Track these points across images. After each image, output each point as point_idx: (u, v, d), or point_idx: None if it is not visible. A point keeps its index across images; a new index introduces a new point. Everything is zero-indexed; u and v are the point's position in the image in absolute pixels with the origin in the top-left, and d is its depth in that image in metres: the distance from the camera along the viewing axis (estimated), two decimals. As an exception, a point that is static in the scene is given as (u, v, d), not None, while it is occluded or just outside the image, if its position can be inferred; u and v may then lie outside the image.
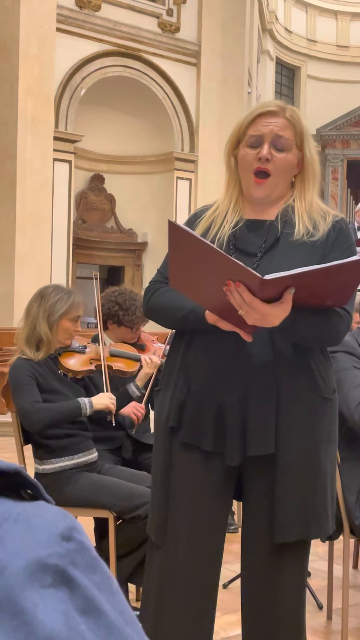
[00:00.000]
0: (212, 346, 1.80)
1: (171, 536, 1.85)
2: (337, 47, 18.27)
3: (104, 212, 12.58)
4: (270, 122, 1.83)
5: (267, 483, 1.80)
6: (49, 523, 0.51)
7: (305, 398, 1.80)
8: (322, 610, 3.06)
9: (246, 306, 1.61)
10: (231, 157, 1.89)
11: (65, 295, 2.89)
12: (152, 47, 11.58)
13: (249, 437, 1.77)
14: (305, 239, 1.79)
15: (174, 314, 1.84)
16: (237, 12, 12.07)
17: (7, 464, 0.53)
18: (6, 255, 9.47)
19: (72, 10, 10.62)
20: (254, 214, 1.88)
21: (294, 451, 1.79)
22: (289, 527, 1.79)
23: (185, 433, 1.82)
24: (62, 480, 2.80)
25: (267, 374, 1.78)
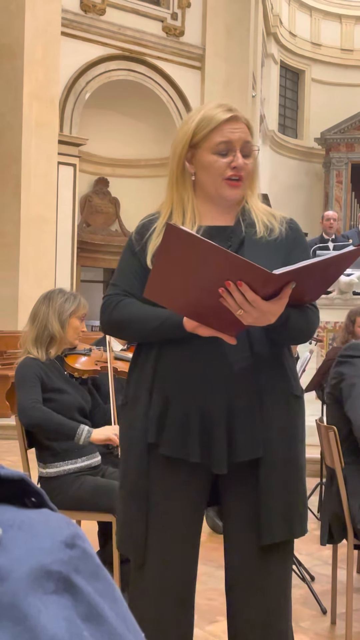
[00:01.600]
0: (189, 354, 1.77)
1: (154, 555, 1.81)
2: (342, 50, 18.28)
3: (108, 215, 12.59)
4: (236, 128, 1.81)
5: (250, 485, 1.79)
6: (52, 530, 0.51)
7: (282, 398, 1.81)
8: (326, 615, 3.05)
9: (247, 305, 1.59)
10: (184, 162, 1.84)
11: (72, 296, 2.98)
12: (156, 50, 11.61)
13: (236, 443, 1.76)
14: (266, 237, 1.82)
15: (144, 325, 1.79)
16: (241, 15, 12.09)
17: (11, 472, 0.53)
18: (11, 259, 9.49)
19: (77, 14, 10.65)
20: (212, 221, 1.86)
21: (275, 452, 1.79)
22: (275, 527, 1.79)
23: (169, 447, 1.77)
24: (66, 484, 2.80)
25: (249, 378, 1.77)
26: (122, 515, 1.86)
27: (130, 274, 1.86)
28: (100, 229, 12.46)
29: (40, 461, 2.91)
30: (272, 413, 1.79)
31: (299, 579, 3.33)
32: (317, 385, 4.60)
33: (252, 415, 1.77)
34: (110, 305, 1.85)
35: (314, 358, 5.64)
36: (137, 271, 1.85)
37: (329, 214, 8.72)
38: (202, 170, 1.83)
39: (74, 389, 2.96)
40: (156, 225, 1.86)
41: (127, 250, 1.90)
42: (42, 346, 2.91)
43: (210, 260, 1.58)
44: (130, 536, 1.82)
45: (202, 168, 1.83)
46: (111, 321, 1.85)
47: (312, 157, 18.00)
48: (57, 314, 2.92)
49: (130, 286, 1.85)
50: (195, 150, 1.83)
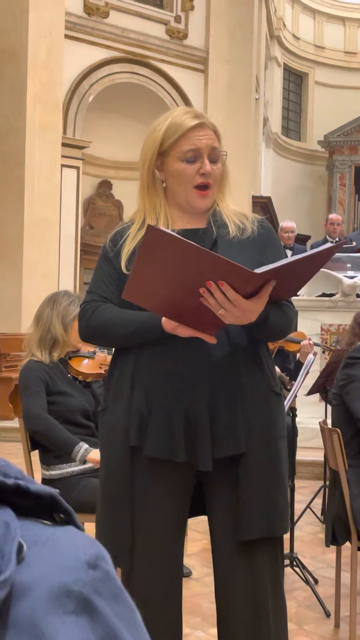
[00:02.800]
0: (169, 355, 1.78)
1: (140, 560, 1.81)
2: (345, 53, 18.28)
3: (111, 218, 12.60)
4: (203, 136, 1.84)
5: (232, 483, 1.80)
6: (76, 549, 0.51)
7: (263, 395, 1.83)
8: (329, 618, 3.05)
9: (229, 305, 1.61)
10: (153, 170, 1.87)
11: (77, 299, 2.98)
12: (160, 53, 11.62)
13: (219, 439, 1.77)
14: (239, 236, 1.84)
15: (123, 328, 1.80)
16: (244, 18, 12.10)
17: (42, 488, 0.53)
18: (14, 261, 9.50)
19: (81, 17, 10.67)
20: (184, 224, 1.88)
21: (256, 449, 1.80)
22: (254, 524, 1.79)
23: (154, 448, 1.77)
24: (69, 486, 2.80)
25: (230, 375, 1.79)
26: (107, 523, 1.85)
27: (105, 280, 1.88)
28: (103, 232, 12.47)
29: (43, 463, 2.91)
30: (253, 410, 1.80)
31: (302, 582, 3.33)
32: (321, 388, 4.60)
33: (233, 412, 1.78)
34: (88, 312, 1.86)
35: (317, 360, 5.63)
36: (112, 277, 1.87)
37: (332, 217, 8.71)
38: (172, 178, 1.86)
39: (78, 392, 2.96)
40: (130, 232, 1.89)
41: (101, 258, 1.92)
42: (46, 349, 2.91)
43: (192, 260, 1.59)
44: (117, 544, 1.81)
45: (171, 176, 1.86)
46: (89, 328, 1.86)
47: (315, 160, 18.00)
48: (61, 317, 2.92)
49: (106, 292, 1.87)
50: (163, 157, 1.85)
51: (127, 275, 1.79)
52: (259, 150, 13.94)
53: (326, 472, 4.48)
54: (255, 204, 12.21)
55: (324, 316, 6.66)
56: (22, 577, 0.47)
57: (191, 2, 11.85)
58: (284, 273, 1.65)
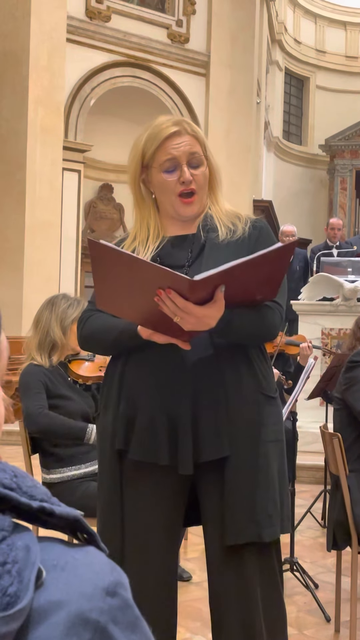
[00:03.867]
0: (153, 359, 1.78)
1: (130, 564, 1.80)
2: (346, 57, 18.30)
3: (112, 221, 12.60)
4: (179, 144, 1.84)
5: (219, 487, 1.79)
6: (95, 575, 0.50)
7: (250, 398, 1.81)
8: (329, 623, 3.04)
9: (180, 312, 1.61)
10: (140, 184, 1.89)
11: (75, 302, 2.97)
12: (161, 57, 11.63)
13: (201, 443, 1.76)
14: (229, 239, 1.83)
15: (106, 336, 1.84)
16: (246, 23, 12.11)
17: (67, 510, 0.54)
18: (15, 264, 9.50)
19: (82, 21, 10.68)
20: (176, 231, 1.90)
21: (241, 452, 1.79)
22: (240, 529, 1.77)
23: (138, 451, 1.78)
24: (69, 490, 2.79)
25: (213, 378, 1.78)
26: (100, 526, 1.86)
27: None
28: (104, 235, 12.47)
29: (43, 467, 2.91)
30: (238, 412, 1.79)
31: (302, 587, 3.32)
32: (321, 392, 4.59)
33: (216, 415, 1.77)
34: (82, 321, 1.91)
35: (318, 365, 5.63)
36: None
37: (333, 222, 8.71)
38: (157, 190, 1.88)
39: (78, 396, 2.96)
40: (124, 244, 1.91)
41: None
42: (45, 352, 2.90)
43: (136, 270, 1.60)
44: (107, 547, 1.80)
45: (156, 187, 1.88)
46: (82, 337, 1.92)
47: (316, 164, 18.01)
48: (59, 320, 2.91)
49: None
50: (147, 170, 1.87)
51: None
52: (260, 154, 13.95)
53: (327, 476, 4.47)
54: (256, 207, 12.22)
55: (324, 320, 6.66)
56: (40, 602, 0.47)
57: (193, 6, 11.87)
58: (234, 276, 1.62)
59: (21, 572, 0.47)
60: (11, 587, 0.45)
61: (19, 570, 0.46)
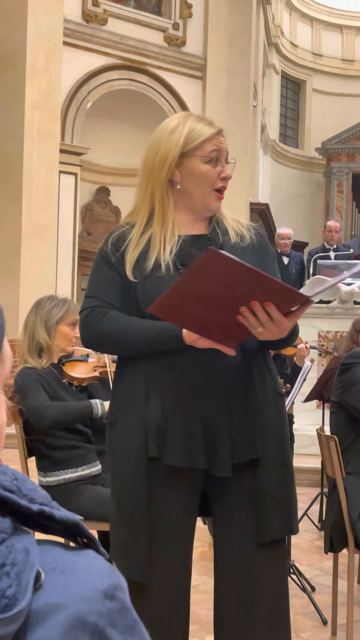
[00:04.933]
0: (183, 363, 1.77)
1: (158, 571, 1.80)
2: (343, 61, 18.33)
3: (109, 224, 12.60)
4: (223, 142, 1.87)
5: (250, 486, 1.82)
6: (94, 578, 0.50)
7: (272, 397, 1.87)
8: (326, 626, 3.04)
9: (270, 324, 1.63)
10: (172, 170, 1.84)
11: (61, 302, 2.93)
12: (158, 60, 11.64)
13: (236, 444, 1.78)
14: (239, 243, 1.86)
15: (137, 337, 1.77)
16: (242, 26, 12.13)
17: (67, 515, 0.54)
18: (11, 267, 9.49)
19: (79, 24, 10.69)
20: (187, 230, 1.88)
21: (271, 451, 1.83)
22: (274, 525, 1.82)
23: (174, 457, 1.77)
24: (66, 493, 2.79)
25: (244, 380, 1.81)
26: (125, 536, 1.81)
27: (109, 285, 1.85)
28: (101, 238, 12.28)
29: (40, 470, 2.90)
30: (266, 413, 1.83)
31: (299, 590, 3.32)
32: (318, 395, 4.60)
33: (249, 416, 1.80)
34: (95, 318, 1.82)
35: (315, 367, 5.63)
36: (116, 283, 1.85)
37: (330, 225, 8.73)
38: (191, 180, 1.84)
39: (74, 398, 2.94)
40: (131, 237, 1.86)
41: (101, 262, 1.89)
42: (35, 355, 2.87)
43: (242, 281, 1.60)
44: (134, 558, 1.79)
45: (191, 177, 1.84)
46: (97, 334, 1.82)
47: (313, 167, 18.03)
48: (44, 321, 2.87)
49: (110, 298, 1.84)
50: (183, 159, 1.84)
51: (132, 282, 1.79)
52: (256, 157, 13.96)
53: (323, 479, 4.47)
54: (252, 210, 12.22)
55: (321, 323, 6.67)
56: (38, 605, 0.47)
57: (189, 10, 11.89)
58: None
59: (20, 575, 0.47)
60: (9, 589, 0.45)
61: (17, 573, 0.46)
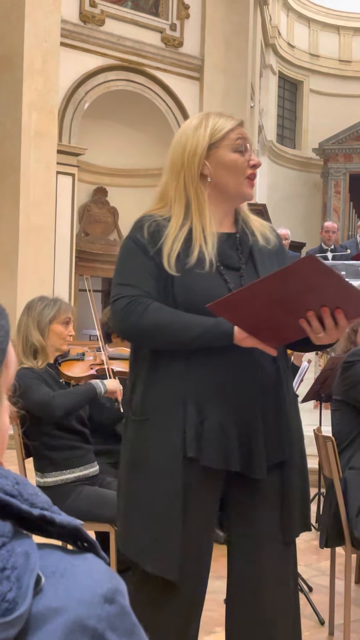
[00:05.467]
0: (220, 362, 1.77)
1: (187, 571, 1.81)
2: (340, 61, 18.34)
3: (107, 224, 12.60)
4: (245, 131, 1.91)
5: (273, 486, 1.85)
6: (94, 582, 0.51)
7: (293, 401, 1.93)
8: (324, 626, 3.04)
9: (334, 330, 1.65)
10: (203, 163, 1.84)
11: (52, 302, 2.91)
12: (155, 61, 11.64)
13: (269, 447, 1.82)
14: (265, 246, 1.89)
15: (185, 332, 1.73)
16: (240, 27, 12.13)
17: (68, 520, 0.54)
18: (9, 267, 9.48)
19: (76, 25, 10.68)
20: (217, 227, 1.88)
21: (295, 453, 1.88)
22: (296, 523, 1.89)
23: (210, 458, 1.76)
24: (63, 494, 2.79)
25: (277, 384, 1.84)
26: (157, 534, 1.78)
27: (147, 275, 1.81)
28: (98, 238, 12.47)
29: (38, 471, 2.90)
30: (290, 415, 1.87)
31: (297, 590, 3.32)
32: (316, 395, 4.60)
33: (279, 419, 1.84)
34: (138, 307, 1.75)
35: (312, 368, 5.63)
36: (154, 273, 1.81)
37: (328, 225, 8.74)
38: (222, 170, 1.85)
39: None
40: (169, 230, 1.83)
41: (137, 251, 1.84)
42: (30, 357, 2.85)
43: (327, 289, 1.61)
44: (167, 556, 1.78)
45: (222, 167, 1.85)
46: (142, 325, 1.75)
47: (310, 168, 18.04)
48: (36, 322, 2.85)
49: (149, 287, 1.80)
50: (211, 151, 1.85)
51: (169, 275, 1.76)
52: (254, 157, 13.96)
53: (320, 479, 4.48)
54: (250, 211, 12.19)
55: (318, 323, 6.66)
56: (38, 608, 0.47)
57: (186, 11, 11.89)
58: None
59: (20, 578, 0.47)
60: (10, 593, 0.45)
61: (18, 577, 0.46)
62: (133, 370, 1.90)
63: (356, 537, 2.70)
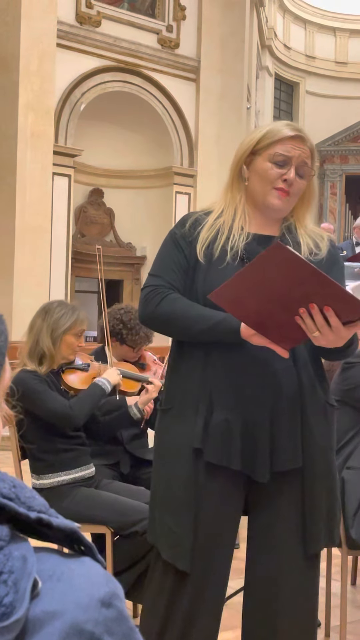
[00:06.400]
0: (238, 360, 1.79)
1: (199, 562, 1.82)
2: (336, 63, 18.38)
3: (103, 226, 12.60)
4: (298, 147, 1.87)
5: (296, 495, 1.83)
6: (91, 586, 0.51)
7: (322, 408, 1.87)
8: (320, 628, 3.04)
9: (327, 329, 1.61)
10: (242, 165, 1.91)
11: (70, 311, 2.86)
12: (151, 62, 11.64)
13: (278, 452, 1.79)
14: (309, 257, 1.84)
15: (196, 323, 1.78)
16: (236, 28, 12.15)
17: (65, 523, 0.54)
18: (5, 269, 9.48)
19: (73, 26, 10.68)
20: (257, 228, 1.90)
21: (317, 462, 1.84)
22: (319, 536, 1.85)
23: (213, 453, 1.79)
24: (59, 495, 2.78)
25: (292, 389, 1.81)
26: (170, 523, 1.83)
27: (175, 267, 1.87)
28: (95, 240, 12.46)
29: (33, 472, 2.89)
30: (312, 422, 1.83)
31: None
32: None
33: (294, 424, 1.81)
34: (156, 297, 1.83)
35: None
36: (181, 265, 1.87)
37: (325, 227, 8.76)
38: (255, 176, 1.88)
39: None
40: (207, 220, 1.90)
41: (169, 243, 1.91)
42: (35, 361, 2.82)
43: (307, 283, 1.59)
44: (178, 545, 1.82)
45: (255, 173, 1.88)
46: (157, 314, 1.83)
47: (306, 169, 18.07)
48: (51, 330, 2.81)
49: (173, 279, 1.86)
50: (254, 156, 1.88)
51: (197, 265, 1.82)
52: (250, 159, 13.97)
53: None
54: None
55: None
56: (35, 612, 0.46)
57: (183, 12, 11.90)
58: None
59: (17, 583, 0.47)
60: (7, 598, 0.45)
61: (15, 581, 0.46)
62: (168, 358, 1.99)
63: (353, 537, 2.70)
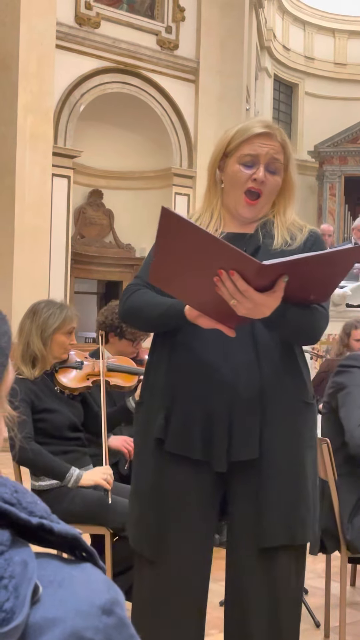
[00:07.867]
0: (197, 349, 1.80)
1: (164, 551, 1.83)
2: (335, 64, 18.38)
3: (102, 227, 12.59)
4: (266, 144, 1.85)
5: (252, 489, 1.81)
6: (92, 593, 0.50)
7: (289, 403, 1.83)
8: (319, 629, 3.04)
9: (239, 295, 1.59)
10: (216, 169, 1.92)
11: (58, 310, 2.84)
12: (151, 64, 11.65)
13: (236, 442, 1.78)
14: (283, 248, 1.83)
15: (151, 311, 1.84)
16: (235, 29, 12.15)
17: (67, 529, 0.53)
18: (4, 270, 9.48)
19: (72, 28, 10.69)
20: (234, 228, 1.91)
21: (278, 456, 1.80)
22: (275, 531, 1.80)
23: (173, 443, 1.81)
24: (58, 497, 2.78)
25: (254, 381, 1.79)
26: (137, 510, 1.89)
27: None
28: (94, 241, 12.46)
29: (32, 474, 2.89)
30: (278, 417, 1.81)
31: (292, 592, 3.32)
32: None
33: (252, 417, 1.79)
34: (127, 294, 1.92)
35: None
36: None
37: (324, 228, 8.78)
38: (227, 179, 1.89)
39: (65, 406, 2.89)
40: None
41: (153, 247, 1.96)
42: (28, 364, 2.81)
43: (203, 247, 1.58)
44: (144, 531, 1.85)
45: (228, 177, 1.88)
46: (125, 308, 1.92)
47: (305, 170, 18.06)
48: (40, 331, 2.78)
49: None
50: (226, 159, 1.89)
51: None
52: (249, 160, 13.97)
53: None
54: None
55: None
56: (35, 618, 0.46)
57: (182, 13, 11.91)
58: (299, 270, 1.61)
59: (18, 588, 0.46)
60: (7, 603, 0.45)
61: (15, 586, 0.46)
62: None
63: (348, 539, 2.70)
